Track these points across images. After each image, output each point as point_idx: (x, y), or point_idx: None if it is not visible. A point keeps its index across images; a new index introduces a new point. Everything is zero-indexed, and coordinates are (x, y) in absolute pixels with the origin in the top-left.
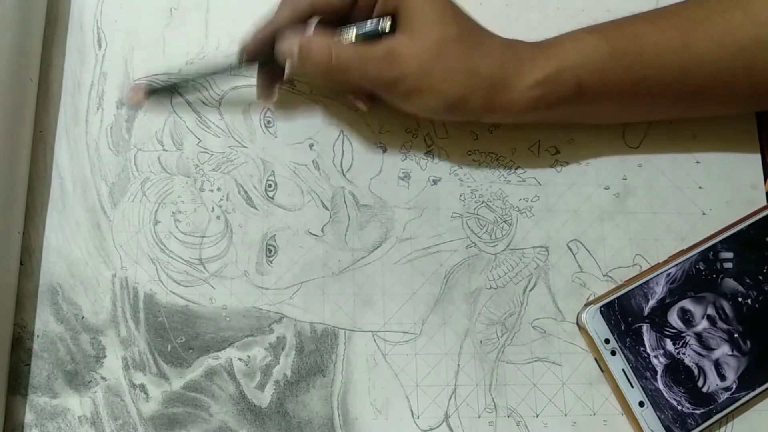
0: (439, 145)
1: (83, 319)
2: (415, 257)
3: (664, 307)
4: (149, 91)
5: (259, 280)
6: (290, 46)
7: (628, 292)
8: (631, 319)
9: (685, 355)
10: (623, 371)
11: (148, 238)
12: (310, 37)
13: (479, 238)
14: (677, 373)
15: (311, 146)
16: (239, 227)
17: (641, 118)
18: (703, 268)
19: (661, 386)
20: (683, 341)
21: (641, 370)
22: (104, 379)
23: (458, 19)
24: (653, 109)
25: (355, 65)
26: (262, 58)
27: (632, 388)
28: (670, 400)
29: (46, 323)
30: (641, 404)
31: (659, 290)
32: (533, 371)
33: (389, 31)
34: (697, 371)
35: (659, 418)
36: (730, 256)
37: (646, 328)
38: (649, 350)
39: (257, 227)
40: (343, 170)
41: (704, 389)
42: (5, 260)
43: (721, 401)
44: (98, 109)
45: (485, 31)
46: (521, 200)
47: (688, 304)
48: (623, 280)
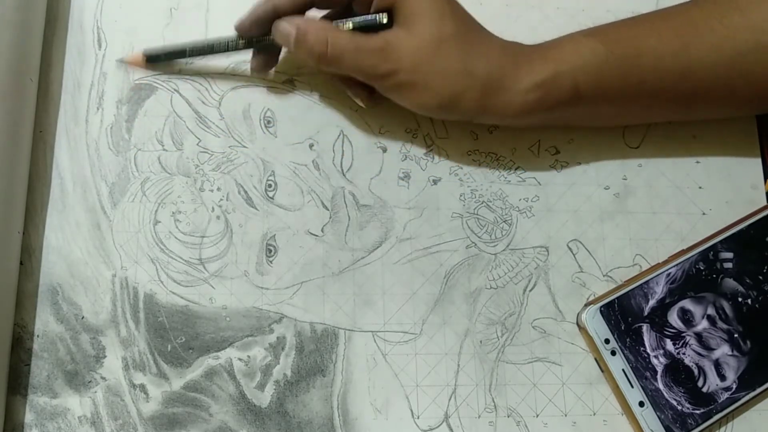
0: (439, 145)
1: (83, 319)
2: (415, 257)
3: (664, 307)
4: (149, 57)
5: (259, 280)
6: (287, 28)
7: (628, 292)
8: (631, 319)
9: (685, 355)
10: (623, 371)
11: (148, 238)
12: (307, 21)
13: (479, 238)
14: (677, 373)
15: (311, 146)
16: (239, 227)
17: (639, 121)
18: (703, 268)
19: (661, 386)
20: (683, 341)
21: (641, 370)
22: (104, 379)
23: (457, 16)
24: (651, 112)
25: (349, 54)
26: (256, 36)
27: (632, 388)
28: (670, 400)
29: (46, 323)
30: (641, 404)
31: (659, 290)
32: (533, 371)
33: (387, 24)
34: (697, 371)
35: (659, 418)
36: (730, 256)
37: (646, 328)
38: (649, 350)
39: (257, 227)
40: (343, 170)
41: (704, 389)
42: (5, 260)
43: (721, 401)
44: (98, 109)
45: (484, 30)
46: (521, 200)
47: (688, 304)
48: (623, 280)
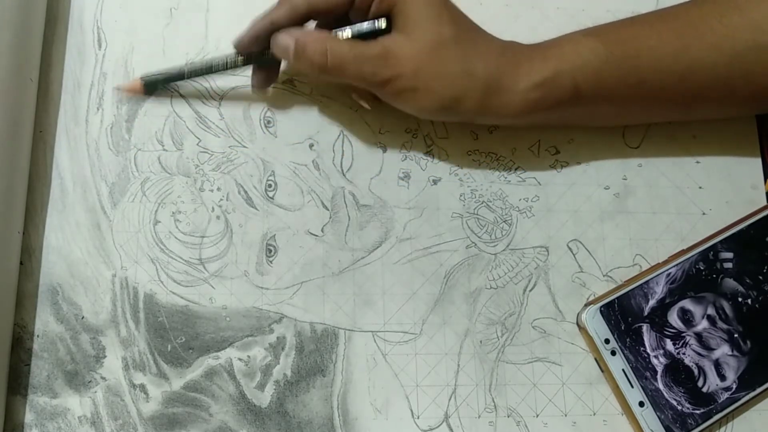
0: (439, 145)
1: (83, 319)
2: (415, 257)
3: (664, 307)
4: (147, 84)
5: (259, 280)
6: (286, 40)
7: (628, 292)
8: (631, 319)
9: (685, 355)
10: (623, 371)
11: (148, 238)
12: (305, 33)
13: (479, 238)
14: (677, 373)
15: (311, 146)
16: (239, 227)
17: (638, 120)
18: (703, 268)
19: (661, 386)
20: (683, 341)
21: (641, 370)
22: (104, 379)
23: (454, 19)
24: (650, 112)
25: (350, 64)
26: (255, 53)
27: (632, 388)
28: (670, 400)
29: (46, 323)
30: (641, 404)
31: (659, 290)
32: (533, 371)
33: (385, 29)
34: (697, 371)
35: (659, 418)
36: (730, 256)
37: (646, 328)
38: (649, 350)
39: (257, 227)
40: (343, 170)
41: (704, 389)
42: (5, 260)
43: (721, 401)
44: (98, 109)
45: (482, 32)
46: (521, 200)
47: (688, 304)
48: (623, 280)
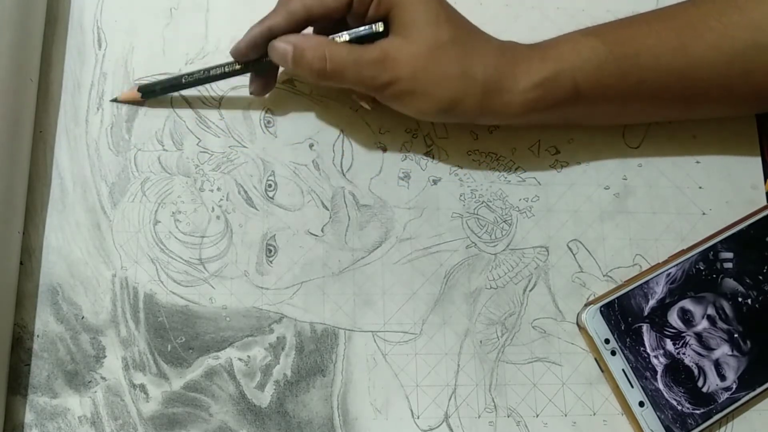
0: (439, 145)
1: (83, 319)
2: (415, 257)
3: (664, 307)
4: (144, 93)
5: (259, 280)
6: (284, 47)
7: (628, 292)
8: (631, 319)
9: (685, 355)
10: (623, 371)
11: (148, 238)
12: (304, 38)
13: (479, 238)
14: (677, 373)
15: (311, 146)
16: (239, 227)
17: (638, 120)
18: (703, 268)
19: (661, 386)
20: (683, 341)
21: (641, 370)
22: (104, 379)
23: (452, 21)
24: (650, 111)
25: (349, 68)
26: (253, 60)
27: (632, 388)
28: (670, 400)
29: (46, 323)
30: (641, 404)
31: (659, 290)
32: (533, 371)
33: (383, 33)
34: (697, 371)
35: (659, 418)
36: (730, 256)
37: (646, 328)
38: (649, 350)
39: (257, 227)
40: (343, 170)
41: (704, 389)
42: (5, 260)
43: (721, 401)
44: (98, 109)
45: (480, 32)
46: (521, 200)
47: (688, 304)
48: (623, 280)
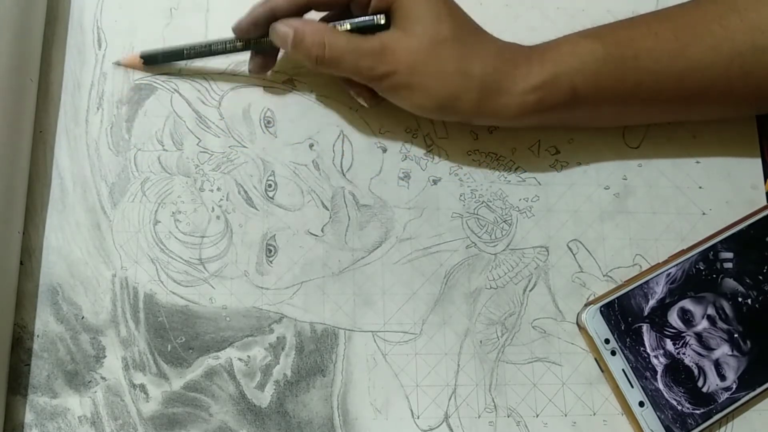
0: (439, 145)
1: (83, 319)
2: (415, 257)
3: (664, 307)
4: (146, 58)
5: (259, 280)
6: (285, 30)
7: (628, 292)
8: (631, 319)
9: (685, 355)
10: (623, 371)
11: (148, 238)
12: (305, 23)
13: (479, 238)
14: (677, 373)
15: (311, 146)
16: (239, 227)
17: (637, 121)
18: (703, 268)
19: (661, 386)
20: (683, 341)
21: (641, 370)
22: (104, 379)
23: (454, 18)
24: (649, 113)
25: (347, 56)
26: (254, 38)
27: (632, 388)
28: (670, 400)
29: (46, 323)
30: (641, 404)
31: (659, 290)
32: (533, 371)
33: (384, 25)
34: (697, 371)
35: (659, 418)
36: (730, 256)
37: (646, 328)
38: (649, 350)
39: (257, 227)
40: (343, 170)
41: (704, 389)
42: (5, 260)
43: (721, 401)
44: (98, 109)
45: (481, 31)
46: (521, 200)
47: (688, 304)
48: (623, 280)
